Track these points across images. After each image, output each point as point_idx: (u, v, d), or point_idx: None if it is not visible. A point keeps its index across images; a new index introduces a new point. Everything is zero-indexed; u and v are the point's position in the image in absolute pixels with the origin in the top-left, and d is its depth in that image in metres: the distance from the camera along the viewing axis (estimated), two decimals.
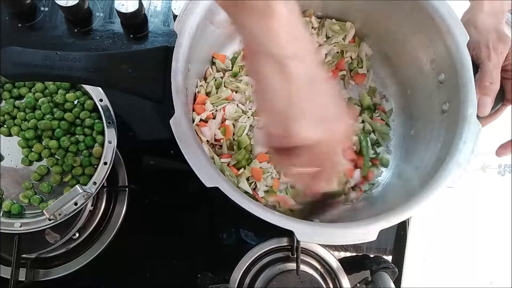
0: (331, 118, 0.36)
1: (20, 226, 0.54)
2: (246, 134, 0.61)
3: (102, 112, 0.58)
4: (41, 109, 0.60)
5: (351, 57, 0.68)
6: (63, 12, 0.73)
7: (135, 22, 0.74)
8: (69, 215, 0.53)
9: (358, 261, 0.68)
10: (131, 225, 0.66)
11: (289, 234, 0.61)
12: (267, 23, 0.32)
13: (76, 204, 0.53)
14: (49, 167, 0.59)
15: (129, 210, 0.67)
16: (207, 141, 0.61)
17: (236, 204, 0.45)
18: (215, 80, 0.63)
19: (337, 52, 0.68)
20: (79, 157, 0.59)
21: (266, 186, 0.61)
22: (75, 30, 0.74)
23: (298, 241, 0.62)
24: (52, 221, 0.53)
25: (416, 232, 0.70)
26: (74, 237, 0.63)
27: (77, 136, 0.60)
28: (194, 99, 0.62)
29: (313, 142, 0.35)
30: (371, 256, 0.68)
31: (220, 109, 0.61)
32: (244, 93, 0.63)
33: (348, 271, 0.65)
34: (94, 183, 0.55)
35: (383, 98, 0.69)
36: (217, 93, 0.62)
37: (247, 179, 0.60)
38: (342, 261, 0.66)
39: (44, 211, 0.51)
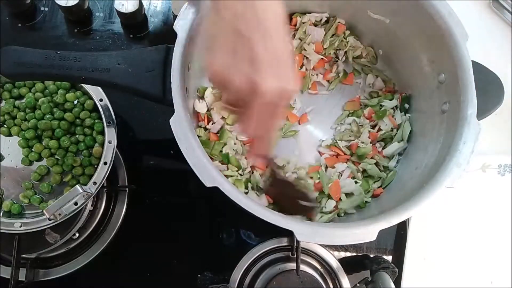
0: (286, 70, 0.36)
1: (20, 226, 0.54)
2: None
3: (102, 112, 0.58)
4: (41, 109, 0.60)
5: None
6: (63, 12, 0.73)
7: (135, 22, 0.74)
8: (69, 215, 0.53)
9: (358, 261, 0.68)
10: (131, 225, 0.66)
11: (289, 234, 0.61)
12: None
13: (76, 204, 0.53)
14: (49, 167, 0.59)
15: (129, 210, 0.67)
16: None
17: (236, 204, 0.45)
18: None
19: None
20: (79, 157, 0.59)
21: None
22: (75, 30, 0.74)
23: (298, 241, 0.62)
24: (52, 221, 0.53)
25: (416, 232, 0.70)
26: (74, 237, 0.63)
27: (77, 136, 0.60)
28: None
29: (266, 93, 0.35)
30: (371, 256, 0.68)
31: None
32: None
33: (348, 271, 0.65)
34: (94, 183, 0.55)
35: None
36: None
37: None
38: (342, 261, 0.66)
39: (44, 211, 0.51)
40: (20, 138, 0.60)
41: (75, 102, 0.61)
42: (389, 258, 0.69)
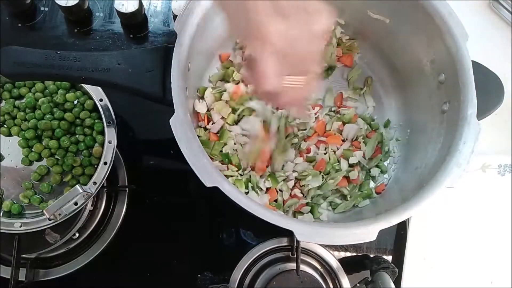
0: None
1: (20, 226, 0.54)
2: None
3: (102, 112, 0.58)
4: (41, 109, 0.60)
5: None
6: (63, 12, 0.73)
7: (135, 22, 0.74)
8: (69, 215, 0.53)
9: (358, 261, 0.68)
10: (131, 225, 0.67)
11: (289, 234, 0.61)
12: None
13: (76, 204, 0.53)
14: (49, 167, 0.59)
15: (129, 210, 0.67)
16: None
17: (236, 204, 0.45)
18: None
19: None
20: (79, 157, 0.59)
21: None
22: (75, 30, 0.74)
23: (298, 241, 0.62)
24: (52, 221, 0.53)
25: (416, 232, 0.70)
26: (74, 237, 0.63)
27: (77, 136, 0.60)
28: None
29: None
30: (371, 256, 0.68)
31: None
32: None
33: (348, 271, 0.65)
34: (94, 183, 0.55)
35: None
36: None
37: None
38: (342, 261, 0.66)
39: (44, 211, 0.51)
40: (20, 138, 0.60)
41: (75, 102, 0.61)
42: (389, 258, 0.69)
